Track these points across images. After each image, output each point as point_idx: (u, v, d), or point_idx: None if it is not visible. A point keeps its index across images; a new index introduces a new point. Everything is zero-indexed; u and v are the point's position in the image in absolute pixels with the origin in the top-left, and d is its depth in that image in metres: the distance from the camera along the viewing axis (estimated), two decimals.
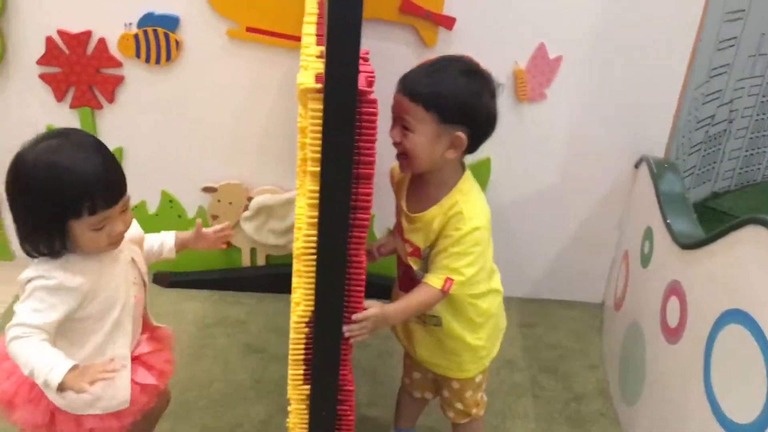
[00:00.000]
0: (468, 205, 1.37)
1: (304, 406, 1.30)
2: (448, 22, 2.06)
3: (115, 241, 1.27)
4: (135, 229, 1.41)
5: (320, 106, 1.05)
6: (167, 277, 2.33)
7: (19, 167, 1.20)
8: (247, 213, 2.28)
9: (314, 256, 1.16)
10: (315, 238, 1.15)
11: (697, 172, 2.99)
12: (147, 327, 1.47)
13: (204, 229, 1.51)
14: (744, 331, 1.34)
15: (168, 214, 2.32)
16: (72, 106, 2.17)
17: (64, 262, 1.23)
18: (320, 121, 1.06)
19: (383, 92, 2.15)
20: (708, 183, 3.09)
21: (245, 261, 2.39)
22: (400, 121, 1.35)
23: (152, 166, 2.26)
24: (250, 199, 2.27)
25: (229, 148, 2.24)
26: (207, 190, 2.27)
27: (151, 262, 1.49)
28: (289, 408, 1.43)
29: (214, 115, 2.20)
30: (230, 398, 1.89)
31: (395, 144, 1.37)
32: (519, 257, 2.40)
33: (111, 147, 2.14)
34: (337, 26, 0.99)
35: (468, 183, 1.41)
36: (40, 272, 1.21)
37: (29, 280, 1.21)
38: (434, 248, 1.38)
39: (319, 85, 1.04)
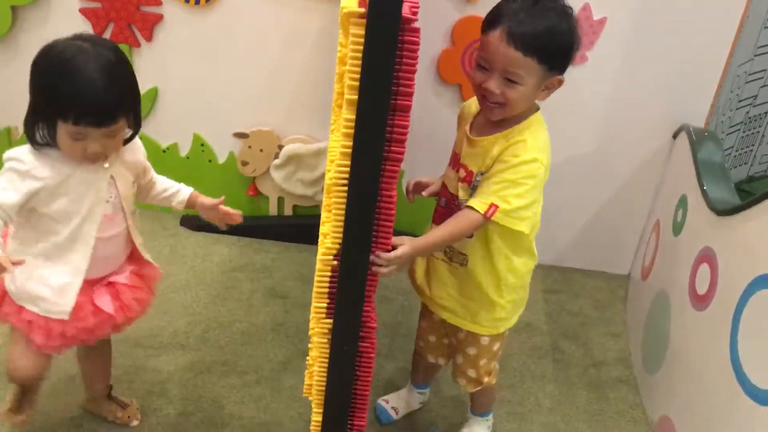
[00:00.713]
0: (533, 138, 1.33)
1: (325, 341, 1.30)
2: None
3: (90, 158, 1.28)
4: (136, 155, 1.42)
5: (362, 32, 1.03)
6: (195, 221, 2.35)
7: (47, 50, 1.26)
8: (277, 161, 2.28)
9: (345, 188, 1.16)
10: (347, 169, 1.14)
11: (735, 153, 2.93)
12: (135, 259, 1.47)
13: (221, 207, 1.50)
14: None
15: (199, 158, 2.33)
16: None
17: (42, 154, 1.27)
18: (361, 47, 1.05)
19: (424, 44, 2.15)
20: (744, 166, 3.03)
21: (272, 210, 2.39)
22: (501, 72, 1.28)
23: (186, 109, 2.27)
24: (280, 147, 2.27)
25: (263, 95, 2.23)
26: (238, 135, 2.27)
27: (160, 204, 1.53)
28: (310, 344, 1.43)
29: (250, 60, 2.19)
30: (251, 339, 1.91)
31: (490, 93, 1.30)
32: (547, 224, 2.33)
33: (146, 87, 2.21)
34: None
35: (539, 120, 1.37)
36: (17, 155, 1.27)
37: (8, 159, 1.27)
38: (487, 173, 1.34)
39: (363, 10, 1.03)
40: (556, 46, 1.28)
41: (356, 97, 1.09)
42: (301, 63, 2.18)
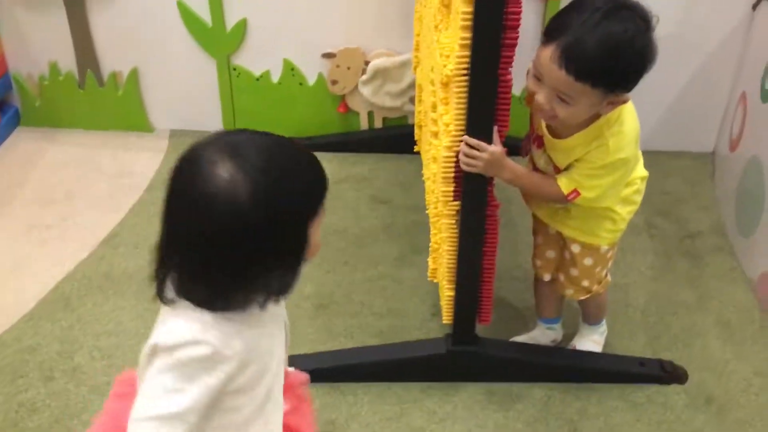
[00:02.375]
0: (615, 138, 1.30)
1: (453, 221, 1.44)
2: None
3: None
4: None
5: None
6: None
7: (232, 208, 0.82)
8: (364, 77, 2.39)
9: (466, 77, 1.27)
10: (467, 59, 1.25)
11: None
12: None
13: None
14: None
15: (290, 82, 2.46)
16: None
17: (222, 319, 0.87)
18: None
19: None
20: None
21: (363, 124, 2.52)
22: (552, 89, 1.24)
23: (274, 36, 2.39)
24: (366, 63, 2.38)
25: (346, 14, 2.33)
26: (326, 56, 2.39)
27: None
28: (433, 230, 1.58)
29: None
30: (365, 240, 2.07)
31: (540, 105, 1.26)
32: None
33: (236, 18, 2.34)
34: None
35: (619, 115, 1.31)
36: (189, 336, 0.85)
37: (172, 348, 0.85)
38: (575, 162, 1.35)
39: None
40: (618, 71, 1.20)
41: None
42: None
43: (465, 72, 1.27)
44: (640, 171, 1.48)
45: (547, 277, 1.62)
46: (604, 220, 1.48)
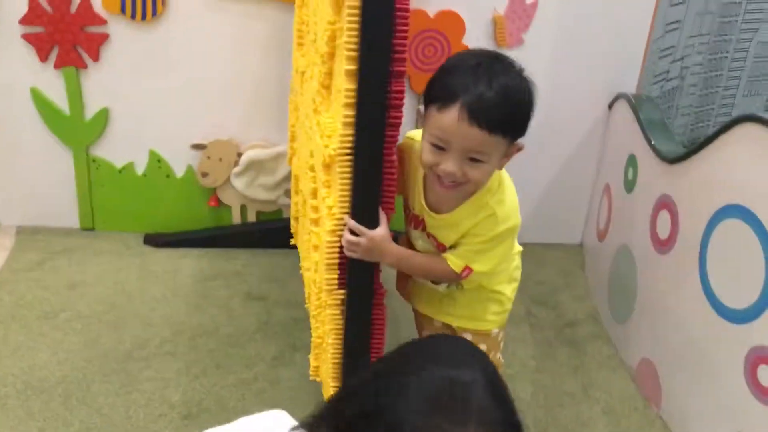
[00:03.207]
0: (500, 206, 1.29)
1: (338, 311, 1.35)
2: None
3: None
4: None
5: (358, 3, 1.10)
6: (159, 238, 2.33)
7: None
8: (237, 169, 2.30)
9: (350, 157, 1.21)
10: (351, 138, 1.20)
11: None
12: None
13: None
14: (741, 223, 1.45)
15: (156, 175, 2.32)
16: (56, 66, 2.16)
17: None
18: (357, 19, 1.11)
19: None
20: None
21: (236, 218, 2.41)
22: (461, 152, 1.20)
23: (139, 126, 2.26)
24: (239, 155, 2.29)
25: (218, 105, 2.26)
26: (196, 147, 2.28)
27: None
28: (315, 323, 1.47)
29: (202, 72, 2.21)
30: (239, 340, 1.92)
31: (448, 174, 1.21)
32: None
33: (96, 107, 2.20)
34: None
35: (500, 181, 1.31)
36: None
37: None
38: (460, 240, 1.32)
39: None
40: (519, 118, 1.23)
41: (355, 67, 1.15)
42: (252, 69, 2.22)
43: (349, 152, 1.21)
44: (517, 245, 1.47)
45: None
46: (491, 303, 1.45)
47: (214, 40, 2.17)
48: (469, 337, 1.45)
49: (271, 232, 2.37)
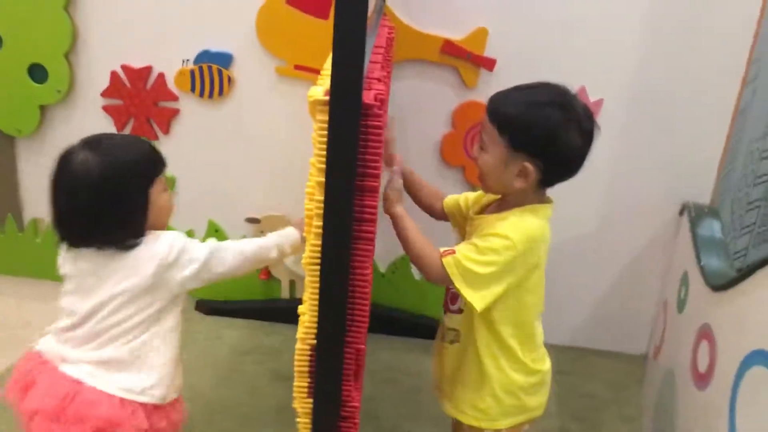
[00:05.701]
0: (515, 219, 1.28)
1: (308, 420, 1.31)
2: (489, 64, 2.10)
3: (172, 209, 1.41)
4: None
5: (326, 118, 1.09)
6: (208, 305, 2.40)
7: (87, 170, 1.26)
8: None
9: (318, 267, 1.19)
10: (320, 249, 1.18)
11: (758, 230, 2.88)
12: None
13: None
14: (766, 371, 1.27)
15: None
16: None
17: (158, 234, 1.33)
18: (325, 132, 1.10)
19: (426, 128, 2.21)
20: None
21: (284, 293, 2.43)
22: (479, 138, 1.32)
23: (201, 196, 2.36)
24: None
25: (274, 181, 2.32)
26: (250, 221, 2.34)
27: None
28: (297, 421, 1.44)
29: (261, 149, 2.28)
30: (254, 422, 1.91)
31: (473, 160, 1.36)
32: (558, 303, 2.35)
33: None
34: (342, 39, 1.04)
35: (534, 209, 1.31)
36: (168, 236, 1.32)
37: (172, 244, 1.31)
38: None
39: (327, 98, 1.09)
40: (517, 122, 1.25)
41: (323, 179, 1.14)
42: (309, 148, 2.26)
43: (317, 261, 1.19)
44: (544, 363, 1.40)
45: None
46: (467, 390, 1.37)
47: (274, 119, 2.24)
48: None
49: None
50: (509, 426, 1.39)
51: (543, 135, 1.25)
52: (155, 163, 1.34)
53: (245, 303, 2.42)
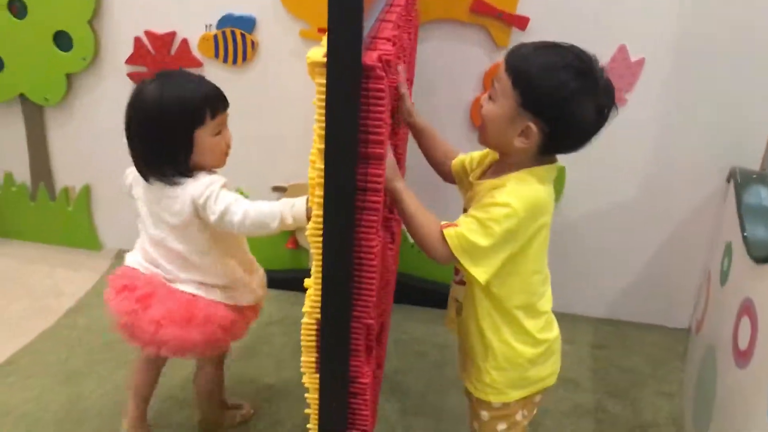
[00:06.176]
0: (515, 185, 1.21)
1: (316, 396, 1.26)
2: (521, 22, 1.99)
3: (227, 151, 1.51)
4: None
5: (324, 81, 1.02)
6: None
7: (143, 101, 1.41)
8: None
9: (321, 239, 1.13)
10: (322, 219, 1.12)
11: None
12: None
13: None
14: None
15: None
16: None
17: (202, 175, 1.45)
18: (324, 96, 1.04)
19: (455, 91, 2.11)
20: None
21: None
22: (491, 86, 1.24)
23: (227, 165, 2.31)
24: None
25: (299, 149, 2.24)
26: (277, 189, 2.30)
27: None
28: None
29: (287, 115, 2.23)
30: (275, 396, 1.88)
31: (479, 108, 1.27)
32: (596, 273, 2.26)
33: None
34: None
35: (535, 174, 1.23)
36: (207, 179, 1.43)
37: (207, 188, 1.42)
38: None
39: (325, 59, 1.02)
40: (534, 80, 1.17)
41: (323, 146, 1.08)
42: None
43: (319, 233, 1.14)
44: (551, 330, 1.32)
45: None
46: (471, 361, 1.33)
47: (299, 84, 2.17)
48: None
49: None
50: (519, 398, 1.33)
51: (556, 99, 1.17)
52: (208, 105, 1.42)
53: (272, 273, 2.34)
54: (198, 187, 1.42)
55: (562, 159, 1.29)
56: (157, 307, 1.48)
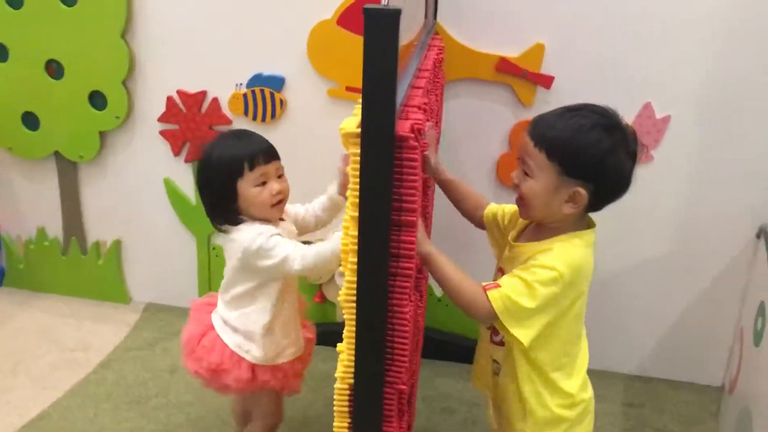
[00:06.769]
0: (561, 249, 1.23)
1: None
2: (546, 81, 2.01)
3: (275, 201, 1.55)
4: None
5: (358, 151, 1.04)
6: None
7: (201, 157, 1.57)
8: (341, 268, 2.29)
9: (354, 305, 1.14)
10: (355, 286, 1.13)
11: None
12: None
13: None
14: None
15: None
16: (186, 160, 2.32)
17: (251, 224, 1.53)
18: (358, 166, 1.05)
19: (481, 148, 2.13)
20: None
21: (339, 316, 2.39)
22: (521, 163, 1.26)
23: None
24: None
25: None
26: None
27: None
28: None
29: (315, 171, 2.25)
30: None
31: (514, 186, 1.29)
32: (626, 329, 2.23)
33: None
34: (373, 70, 0.99)
35: (579, 237, 1.26)
36: (253, 230, 1.50)
37: (254, 240, 1.48)
38: None
39: (359, 130, 1.04)
40: (567, 147, 1.20)
41: (356, 214, 1.09)
42: None
43: (353, 299, 1.14)
44: (585, 390, 1.33)
45: None
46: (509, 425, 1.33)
47: (326, 142, 2.19)
48: None
49: None
50: None
51: (597, 160, 1.21)
52: (246, 158, 1.51)
53: None
54: (246, 235, 1.50)
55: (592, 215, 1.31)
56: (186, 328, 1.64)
